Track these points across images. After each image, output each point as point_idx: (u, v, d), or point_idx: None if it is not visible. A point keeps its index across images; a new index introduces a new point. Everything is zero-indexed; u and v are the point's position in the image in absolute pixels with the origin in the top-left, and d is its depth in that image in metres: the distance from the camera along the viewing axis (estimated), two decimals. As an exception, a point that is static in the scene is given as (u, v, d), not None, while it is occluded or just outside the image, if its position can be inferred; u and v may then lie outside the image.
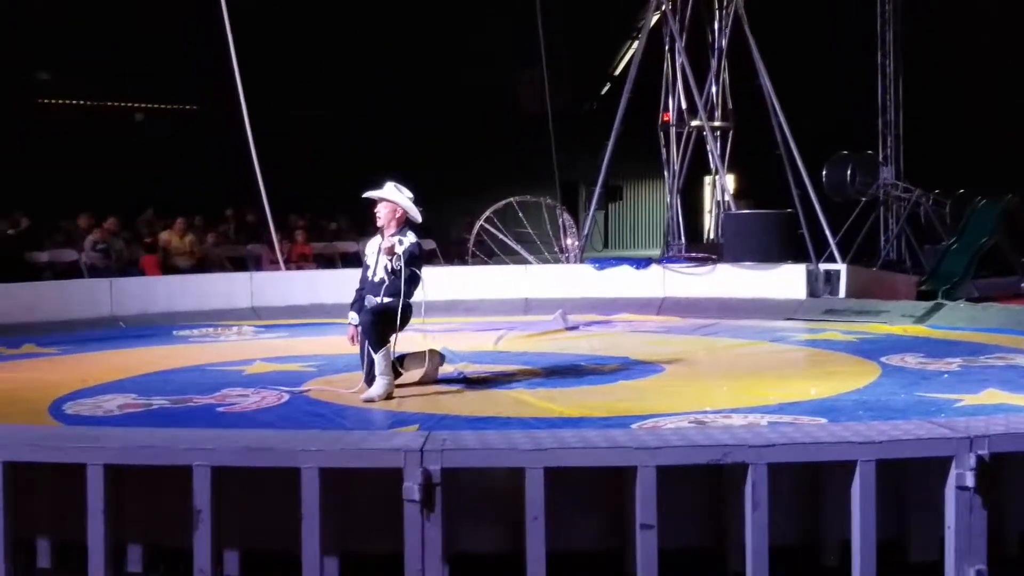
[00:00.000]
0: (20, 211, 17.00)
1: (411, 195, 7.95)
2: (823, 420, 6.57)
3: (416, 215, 7.92)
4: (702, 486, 4.78)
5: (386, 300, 7.72)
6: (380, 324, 7.67)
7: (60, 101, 22.34)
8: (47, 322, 12.60)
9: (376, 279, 7.83)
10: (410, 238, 7.76)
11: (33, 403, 7.72)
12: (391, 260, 7.64)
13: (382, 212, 7.87)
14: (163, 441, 4.77)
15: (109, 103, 22.96)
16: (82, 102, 22.60)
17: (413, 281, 7.73)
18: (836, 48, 21.06)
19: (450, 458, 4.46)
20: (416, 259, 7.72)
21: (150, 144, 21.77)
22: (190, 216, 17.68)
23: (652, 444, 4.55)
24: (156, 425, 6.74)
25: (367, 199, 8.04)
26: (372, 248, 7.99)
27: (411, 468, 4.41)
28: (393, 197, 7.86)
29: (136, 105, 23.44)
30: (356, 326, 7.94)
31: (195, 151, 20.93)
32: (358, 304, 7.96)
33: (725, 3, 17.98)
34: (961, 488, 4.53)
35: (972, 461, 4.51)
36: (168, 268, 16.37)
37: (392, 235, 7.77)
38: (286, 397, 7.92)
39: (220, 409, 7.53)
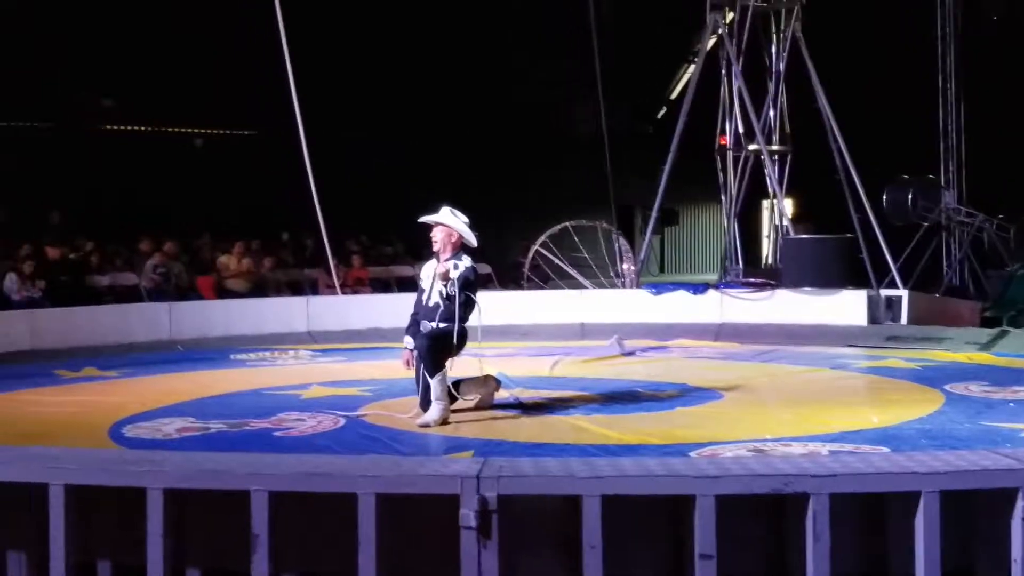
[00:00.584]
0: (83, 236, 17.26)
1: (467, 220, 7.95)
2: (885, 449, 6.48)
3: (472, 239, 7.92)
4: (762, 516, 4.69)
5: (441, 325, 7.71)
6: (435, 349, 7.67)
7: (123, 127, 22.69)
8: (108, 345, 12.82)
9: (431, 304, 7.82)
10: (465, 263, 7.75)
11: (94, 426, 7.84)
12: (446, 285, 7.64)
13: (438, 236, 7.88)
14: (222, 465, 4.78)
15: (169, 128, 23.30)
16: (143, 128, 22.94)
17: (468, 306, 7.72)
18: (895, 70, 20.86)
19: (507, 485, 4.42)
20: (471, 284, 7.72)
21: (209, 168, 22.05)
22: (248, 241, 17.85)
23: (712, 473, 4.49)
24: (213, 449, 6.81)
25: (423, 223, 8.06)
26: (427, 272, 7.99)
27: (468, 495, 4.39)
28: (448, 221, 7.87)
29: (195, 130, 23.75)
30: (412, 351, 7.93)
31: (253, 175, 21.16)
32: (413, 328, 7.95)
33: (783, 26, 17.90)
34: (1029, 520, 4.42)
35: (1039, 493, 4.40)
36: (223, 291, 16.53)
37: (447, 259, 7.77)
38: (342, 421, 7.95)
39: (277, 433, 7.57)
